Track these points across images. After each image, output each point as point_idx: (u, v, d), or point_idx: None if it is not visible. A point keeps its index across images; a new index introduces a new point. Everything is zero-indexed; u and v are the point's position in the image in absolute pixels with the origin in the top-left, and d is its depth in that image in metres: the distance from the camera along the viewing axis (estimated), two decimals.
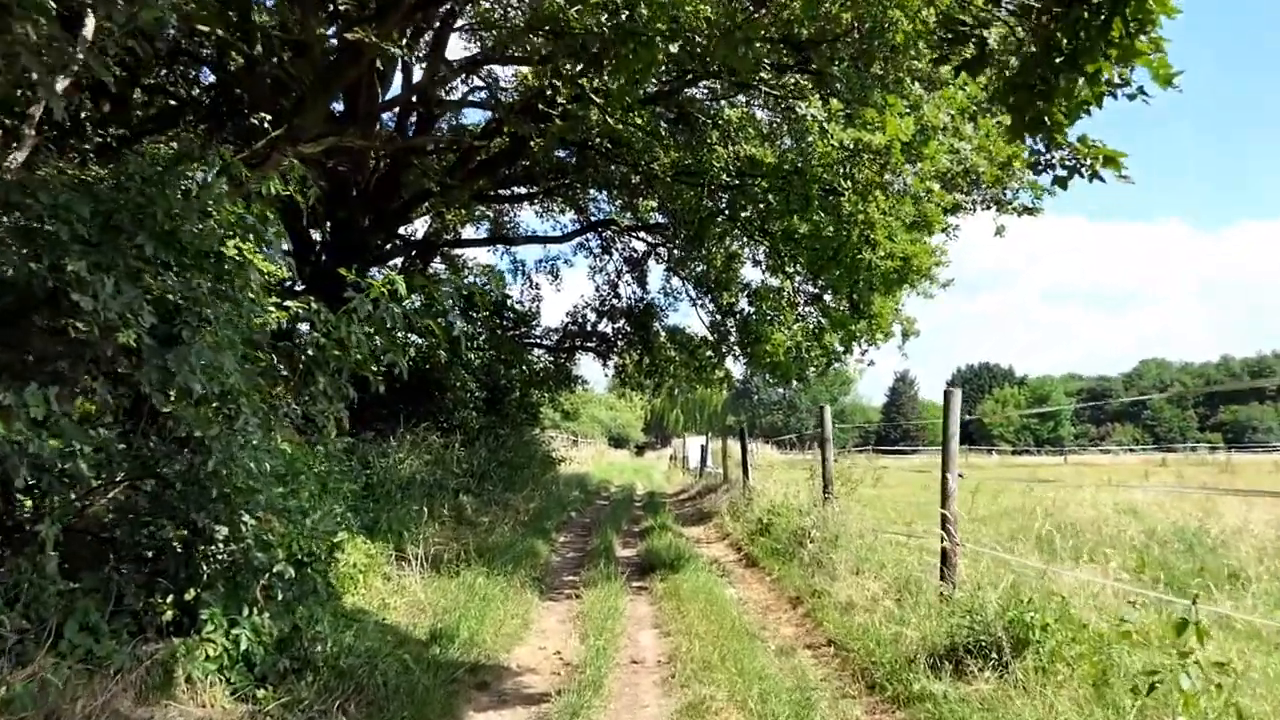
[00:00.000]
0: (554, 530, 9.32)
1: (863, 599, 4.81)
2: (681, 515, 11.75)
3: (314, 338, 3.87)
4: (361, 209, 11.98)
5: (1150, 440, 55.37)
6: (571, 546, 8.54)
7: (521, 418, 17.00)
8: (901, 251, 7.37)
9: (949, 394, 4.49)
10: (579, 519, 11.40)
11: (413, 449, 9.48)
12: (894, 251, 7.35)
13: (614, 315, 16.80)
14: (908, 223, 7.53)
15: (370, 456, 7.85)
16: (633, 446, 53.07)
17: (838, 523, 6.24)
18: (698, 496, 14.53)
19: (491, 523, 9.02)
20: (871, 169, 6.00)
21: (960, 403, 4.46)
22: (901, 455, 31.90)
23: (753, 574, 6.62)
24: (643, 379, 16.62)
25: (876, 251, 7.32)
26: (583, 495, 14.42)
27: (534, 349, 17.06)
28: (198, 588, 3.13)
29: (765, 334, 9.75)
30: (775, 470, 13.51)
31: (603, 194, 14.12)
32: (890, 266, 7.52)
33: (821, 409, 6.95)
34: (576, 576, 6.54)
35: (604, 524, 9.65)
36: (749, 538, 7.96)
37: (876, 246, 7.32)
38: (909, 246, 7.41)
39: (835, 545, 5.89)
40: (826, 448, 6.94)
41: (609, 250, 17.20)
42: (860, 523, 6.16)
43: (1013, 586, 3.85)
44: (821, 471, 6.95)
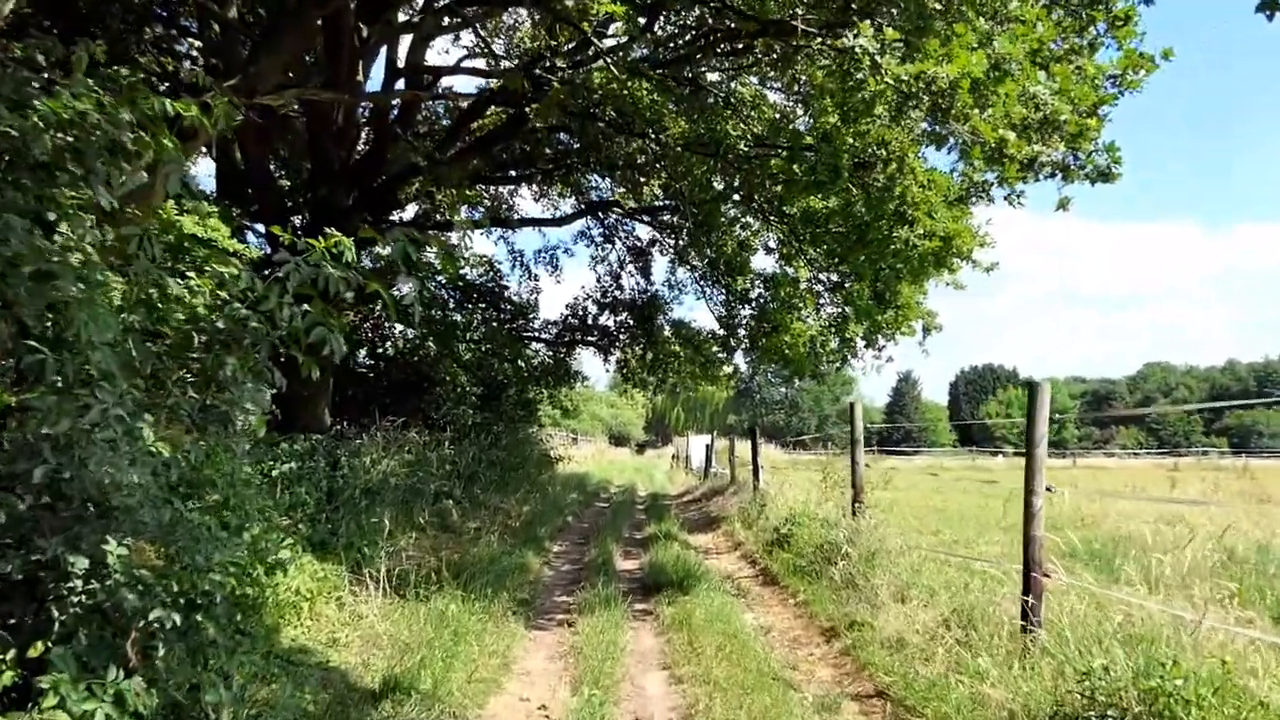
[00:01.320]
0: (548, 538, 8.49)
1: (915, 635, 3.97)
2: (686, 520, 10.91)
3: (234, 310, 3.03)
4: (344, 186, 11.12)
5: (1155, 443, 54.54)
6: (567, 557, 7.70)
7: (518, 415, 16.19)
8: (943, 230, 6.52)
9: (1035, 388, 3.62)
10: (576, 524, 10.56)
11: (392, 448, 8.64)
12: (934, 230, 6.49)
13: (616, 307, 15.98)
14: (950, 198, 6.68)
15: (341, 456, 7.01)
16: (634, 445, 52.28)
17: (873, 537, 5.40)
18: (703, 499, 13.69)
19: (479, 530, 8.18)
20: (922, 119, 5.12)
21: (1048, 399, 3.59)
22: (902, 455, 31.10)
23: (773, 594, 5.77)
24: (645, 375, 15.81)
25: (915, 229, 6.46)
26: (581, 497, 13.58)
27: (532, 343, 16.27)
28: (47, 641, 2.29)
29: (784, 323, 8.89)
30: (782, 472, 12.68)
31: (605, 180, 13.26)
32: (929, 248, 6.67)
33: (851, 405, 6.11)
34: (571, 597, 5.69)
35: (603, 531, 8.82)
36: (765, 549, 7.12)
37: (915, 224, 6.47)
38: (951, 224, 6.56)
39: (872, 564, 5.04)
40: (857, 450, 6.09)
41: (611, 239, 16.36)
42: (900, 538, 5.31)
43: (1129, 637, 3.00)
44: (852, 477, 6.10)
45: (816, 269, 9.49)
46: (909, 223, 6.46)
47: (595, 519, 11.25)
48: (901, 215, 6.51)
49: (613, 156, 11.57)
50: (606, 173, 12.67)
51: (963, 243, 6.63)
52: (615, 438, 48.96)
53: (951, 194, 6.65)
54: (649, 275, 15.99)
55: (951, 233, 6.53)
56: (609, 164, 12.19)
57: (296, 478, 5.99)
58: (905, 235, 6.44)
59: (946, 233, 6.52)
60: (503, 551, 6.85)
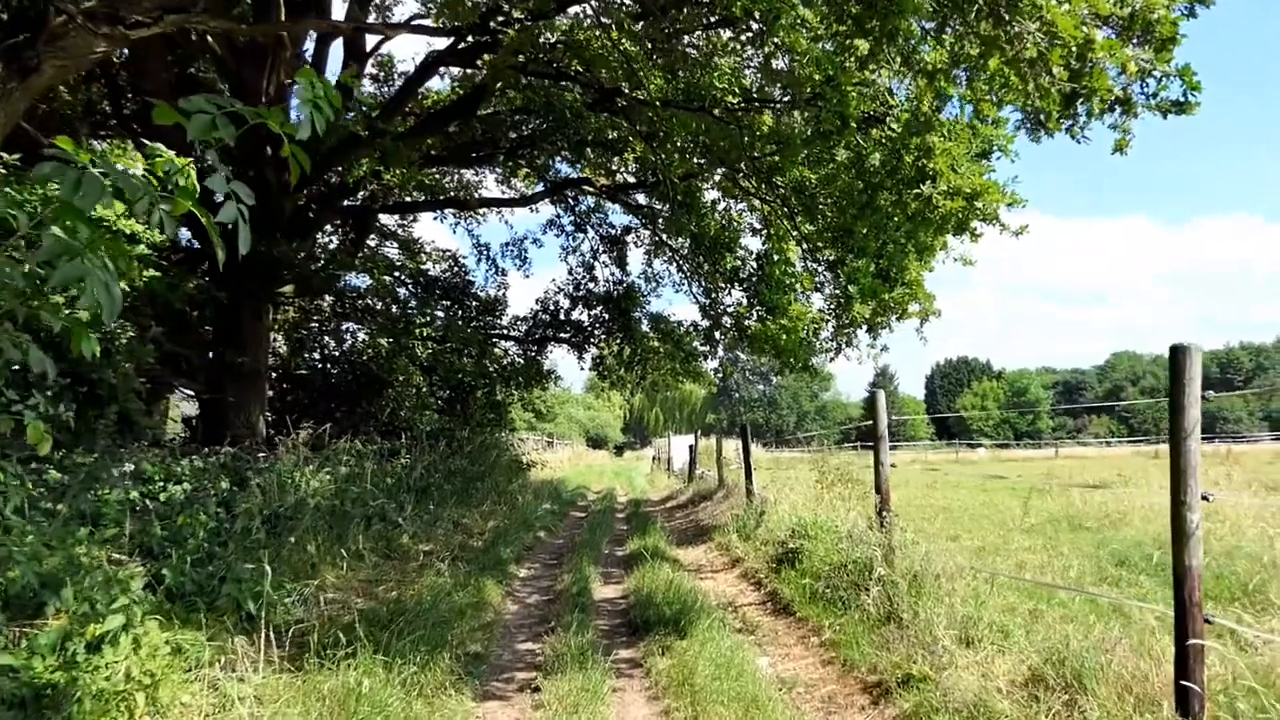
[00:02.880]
0: (513, 560, 7.30)
1: (1001, 698, 2.92)
2: (674, 530, 9.82)
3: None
4: (275, 166, 9.81)
5: (1125, 431, 55.33)
6: (535, 585, 6.53)
7: (487, 419, 14.96)
8: (970, 186, 5.54)
9: (1183, 355, 2.52)
10: (549, 540, 9.38)
11: (332, 460, 7.38)
12: (959, 186, 5.51)
13: (590, 301, 14.87)
14: (974, 151, 5.72)
15: (248, 473, 5.75)
16: (612, 447, 51.11)
17: (912, 555, 4.36)
18: (690, 505, 12.61)
19: (431, 554, 6.97)
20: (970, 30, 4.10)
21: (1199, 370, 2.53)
22: None
23: (789, 629, 4.70)
24: (623, 372, 14.73)
25: (938, 185, 5.47)
26: (555, 507, 12.38)
27: (500, 341, 15.07)
28: None
29: (781, 304, 7.86)
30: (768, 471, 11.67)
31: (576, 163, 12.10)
32: (950, 208, 5.68)
33: (873, 394, 5.07)
34: (537, 643, 4.54)
35: (579, 549, 7.67)
36: (769, 567, 6.05)
37: (937, 179, 5.48)
38: (976, 179, 5.58)
39: (918, 591, 4.00)
40: (881, 447, 5.06)
41: (583, 227, 15.24)
42: (949, 556, 4.27)
43: None
44: (875, 480, 5.06)
45: (811, 246, 8.49)
46: (929, 178, 5.47)
47: (571, 533, 10.08)
48: (920, 170, 5.51)
49: (582, 132, 10.44)
50: (575, 153, 11.53)
51: (989, 201, 5.66)
52: (593, 440, 47.74)
53: (975, 147, 5.69)
54: (624, 265, 14.91)
55: (978, 189, 5.55)
56: (578, 143, 11.07)
57: (182, 505, 4.73)
58: (926, 192, 5.44)
59: (972, 189, 5.54)
60: (455, 583, 5.66)
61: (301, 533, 5.45)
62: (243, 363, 9.80)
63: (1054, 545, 6.68)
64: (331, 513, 6.44)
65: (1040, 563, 5.82)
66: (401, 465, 9.44)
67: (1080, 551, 6.20)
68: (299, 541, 5.37)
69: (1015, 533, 7.89)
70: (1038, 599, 4.29)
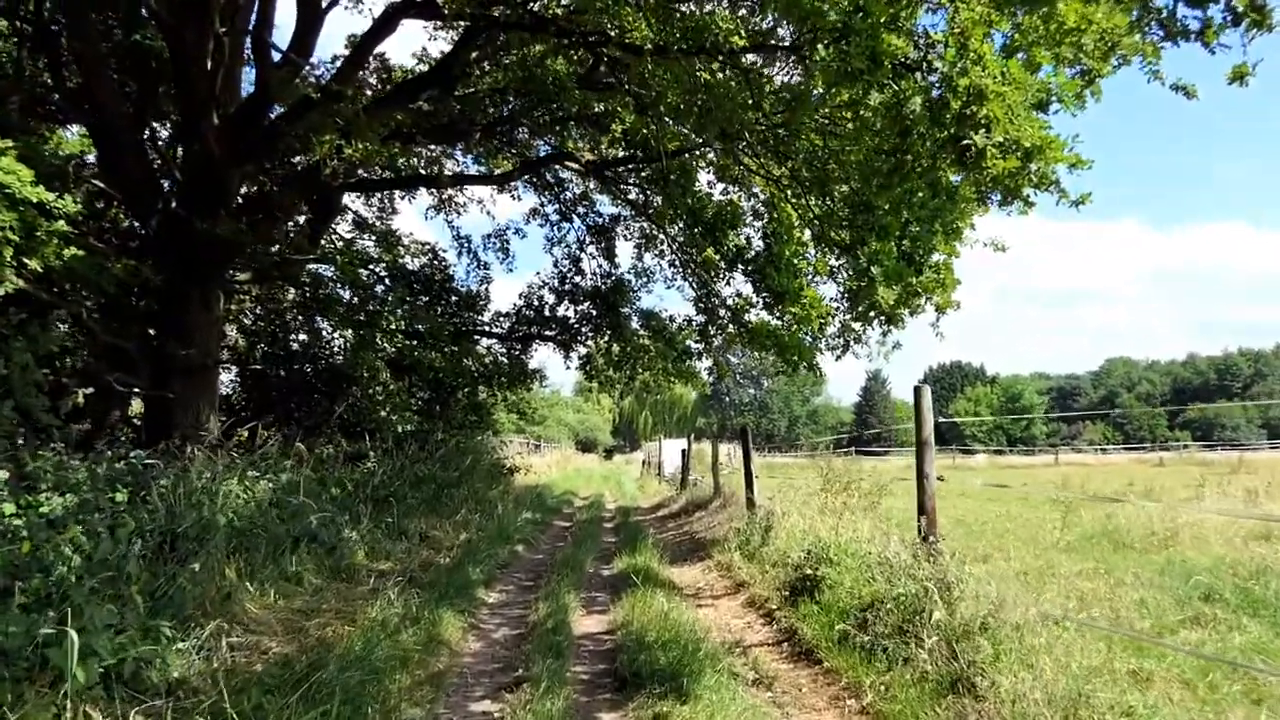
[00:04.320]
0: (483, 581, 6.30)
1: None
2: (665, 543, 8.85)
3: None
4: (219, 135, 8.77)
5: (1121, 438, 54.96)
6: (504, 615, 5.52)
7: (469, 421, 13.95)
8: (1028, 140, 4.62)
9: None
10: (527, 555, 8.37)
11: (269, 466, 6.35)
12: (1018, 138, 4.59)
13: (576, 296, 13.93)
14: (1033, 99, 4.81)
15: (165, 484, 4.71)
16: (601, 451, 50.11)
17: (973, 594, 3.41)
18: (683, 515, 11.64)
19: (386, 575, 5.96)
20: None
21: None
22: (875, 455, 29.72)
23: (815, 682, 3.73)
24: (611, 372, 13.78)
25: (992, 136, 4.55)
26: (538, 516, 11.38)
27: (482, 339, 14.09)
28: None
29: (792, 289, 6.92)
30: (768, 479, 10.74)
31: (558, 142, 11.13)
32: (1003, 167, 4.76)
33: (917, 392, 4.14)
34: (497, 704, 3.54)
35: (559, 569, 6.67)
36: (782, 597, 5.09)
37: (991, 128, 4.55)
38: (1036, 132, 4.66)
39: (994, 644, 3.05)
40: (925, 455, 4.11)
41: (569, 216, 14.29)
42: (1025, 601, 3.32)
43: None
44: (919, 495, 4.12)
45: (823, 227, 7.56)
46: (981, 127, 4.54)
47: (553, 546, 9.08)
48: (968, 119, 4.59)
49: (565, 106, 9.48)
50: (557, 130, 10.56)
51: (1049, 160, 4.73)
52: (582, 443, 46.72)
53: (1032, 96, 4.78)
54: (613, 257, 13.97)
55: (1038, 144, 4.62)
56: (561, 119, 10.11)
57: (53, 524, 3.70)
58: (978, 144, 4.51)
59: (1032, 144, 4.61)
60: (405, 615, 4.65)
61: (212, 557, 4.43)
62: (188, 355, 8.74)
63: (1107, 569, 5.77)
64: (265, 529, 5.41)
65: (1102, 593, 4.91)
66: (364, 470, 8.42)
67: (1143, 579, 5.29)
68: (208, 567, 4.34)
69: (1052, 552, 6.99)
70: (1135, 650, 3.35)
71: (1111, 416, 57.38)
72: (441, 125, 10.76)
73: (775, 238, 7.12)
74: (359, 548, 6.51)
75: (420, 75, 10.31)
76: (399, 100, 9.81)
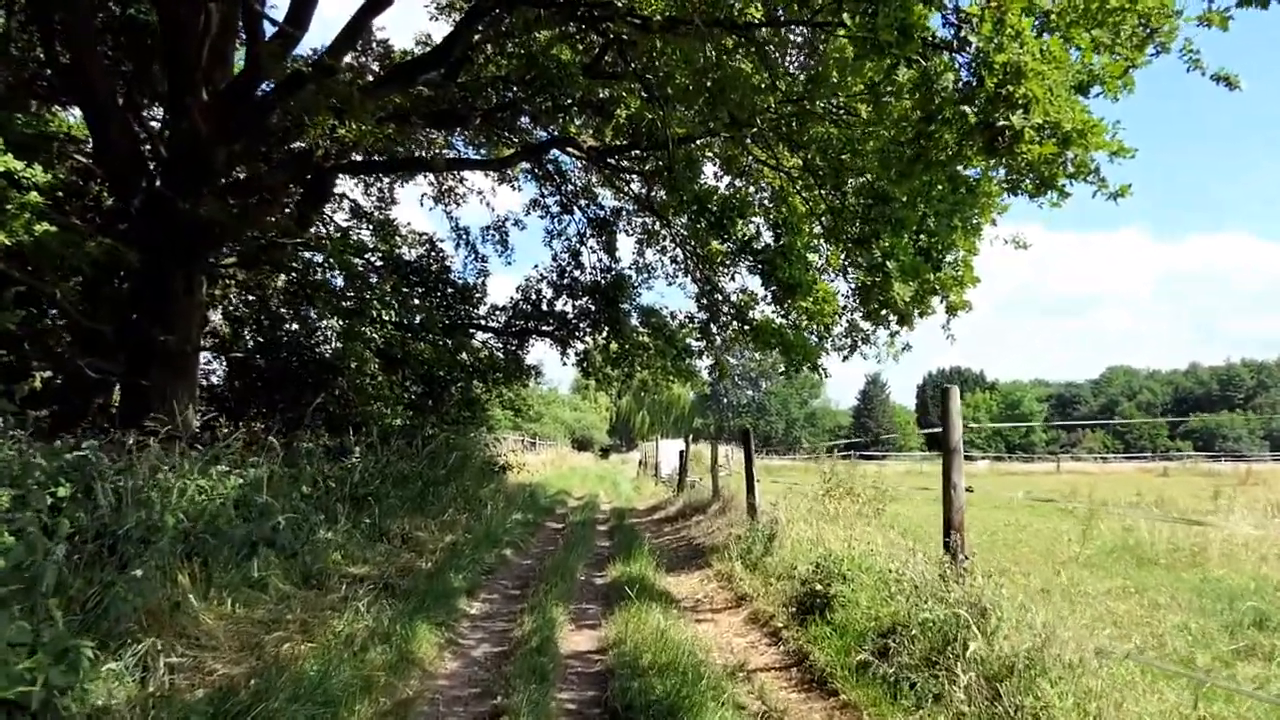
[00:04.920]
0: (466, 590, 5.88)
1: None
2: (662, 549, 8.43)
3: None
4: (205, 111, 8.34)
5: (1121, 447, 54.62)
6: (486, 629, 5.10)
7: (462, 416, 13.55)
8: (1069, 123, 4.21)
9: None
10: (516, 560, 7.95)
11: (235, 460, 5.92)
12: (1057, 120, 4.18)
13: (575, 291, 13.54)
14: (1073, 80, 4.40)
15: (108, 476, 4.29)
16: (597, 449, 49.71)
17: (1014, 622, 3.01)
18: (680, 518, 11.23)
19: (361, 580, 5.54)
20: None
21: None
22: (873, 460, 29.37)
23: (829, 718, 3.32)
24: (609, 369, 13.40)
25: (1030, 117, 4.14)
26: (529, 517, 10.95)
27: (478, 332, 13.69)
28: None
29: (804, 282, 6.51)
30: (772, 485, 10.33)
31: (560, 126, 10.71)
32: (1038, 154, 4.35)
33: (945, 392, 3.73)
34: None
35: (549, 576, 6.25)
36: (789, 614, 4.68)
37: (1030, 108, 4.15)
38: (1077, 115, 4.25)
39: (1049, 681, 2.64)
40: (953, 462, 3.71)
41: (570, 208, 13.91)
42: (1076, 631, 2.91)
43: None
44: (945, 508, 3.71)
45: (837, 219, 7.14)
46: (1020, 107, 4.14)
47: (543, 550, 8.66)
48: (1004, 99, 4.18)
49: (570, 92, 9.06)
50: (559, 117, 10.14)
51: (1091, 144, 4.32)
52: (579, 442, 46.30)
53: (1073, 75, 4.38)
54: (613, 251, 13.59)
55: (1080, 127, 4.21)
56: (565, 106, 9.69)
57: None
58: (1015, 125, 4.09)
59: (1073, 127, 4.20)
60: (374, 630, 4.23)
61: (159, 562, 4.00)
62: (166, 341, 8.32)
63: (1137, 588, 5.37)
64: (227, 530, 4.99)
65: (1138, 616, 4.51)
66: (344, 466, 7.99)
67: (1180, 601, 4.89)
68: (153, 574, 3.92)
69: (1071, 566, 6.58)
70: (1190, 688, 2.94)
71: (1112, 426, 57.06)
72: (442, 111, 10.37)
73: (786, 227, 6.70)
74: (334, 550, 6.09)
75: (420, 56, 9.90)
76: (398, 81, 9.40)
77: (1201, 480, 21.08)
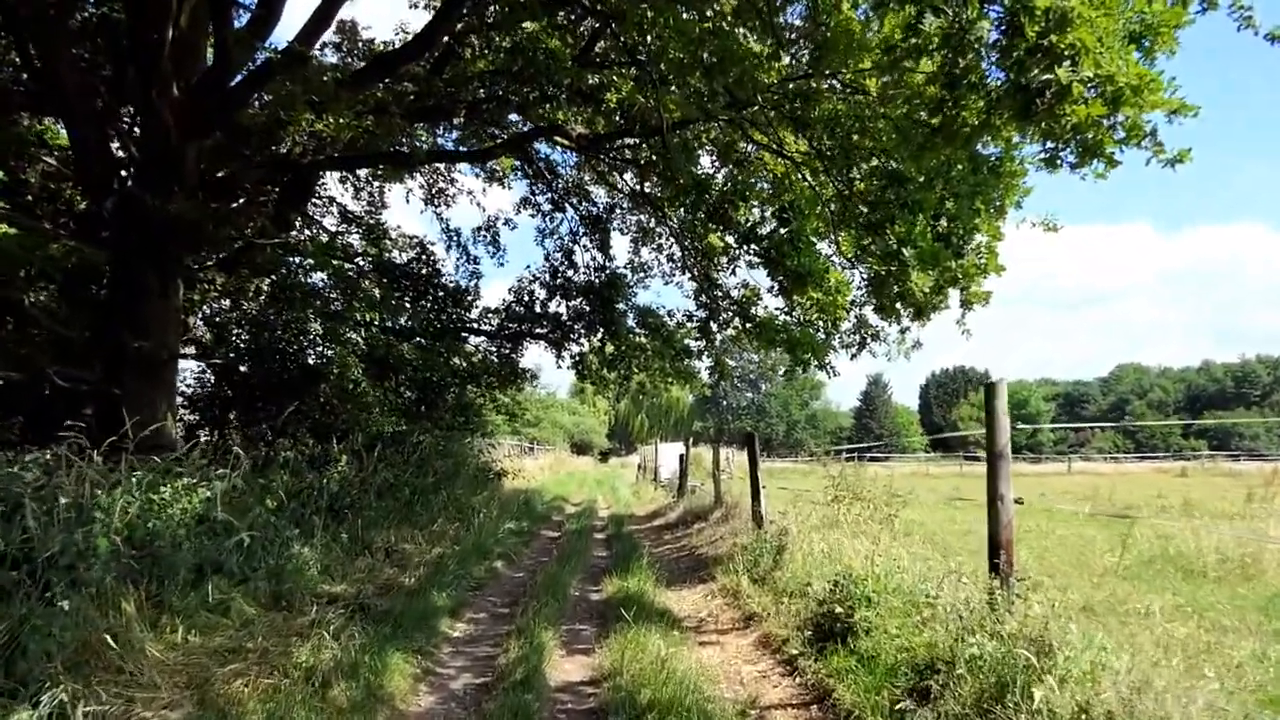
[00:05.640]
0: (449, 611, 5.37)
1: None
2: (662, 559, 7.93)
3: None
4: (175, 106, 7.88)
5: (1132, 446, 53.86)
6: (470, 656, 4.60)
7: (458, 422, 13.09)
8: (1123, 77, 3.71)
9: None
10: (506, 573, 7.45)
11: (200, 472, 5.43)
12: (1111, 74, 3.69)
13: (569, 291, 13.10)
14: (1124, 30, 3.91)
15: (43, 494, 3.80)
16: (596, 453, 49.20)
17: (1084, 662, 2.50)
18: (680, 526, 10.72)
19: (336, 601, 5.04)
20: None
21: None
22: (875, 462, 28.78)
23: None
24: (605, 371, 12.94)
25: (1079, 70, 3.65)
26: (524, 525, 10.45)
27: (470, 336, 13.24)
28: None
29: (815, 270, 6.01)
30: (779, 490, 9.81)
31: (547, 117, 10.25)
32: (1085, 115, 3.85)
33: (990, 389, 3.24)
34: None
35: (541, 593, 5.75)
36: (805, 640, 4.16)
37: (1078, 61, 3.66)
38: (1132, 69, 3.76)
39: None
40: (1000, 469, 3.21)
41: (562, 206, 13.46)
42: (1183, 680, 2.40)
43: None
44: (991, 523, 3.21)
45: (846, 204, 6.65)
46: (1066, 59, 3.64)
47: (536, 562, 8.16)
48: (1047, 51, 3.69)
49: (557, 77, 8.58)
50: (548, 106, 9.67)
51: (1148, 103, 3.82)
52: (577, 446, 45.81)
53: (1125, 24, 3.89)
54: (608, 250, 13.14)
55: (1137, 82, 3.72)
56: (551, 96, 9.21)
57: None
58: (1062, 79, 3.60)
59: (1127, 82, 3.71)
60: (342, 662, 3.73)
61: (96, 589, 3.50)
62: (141, 347, 7.84)
63: (1192, 605, 4.85)
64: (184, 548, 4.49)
65: (1204, 642, 3.98)
66: (321, 476, 7.50)
67: (1249, 624, 4.37)
68: (88, 603, 3.42)
69: (1110, 579, 6.07)
70: None
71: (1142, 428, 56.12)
72: (426, 107, 9.93)
73: (794, 211, 6.20)
74: (308, 567, 5.59)
75: (401, 47, 9.44)
76: (377, 72, 8.94)
77: (1224, 481, 20.47)
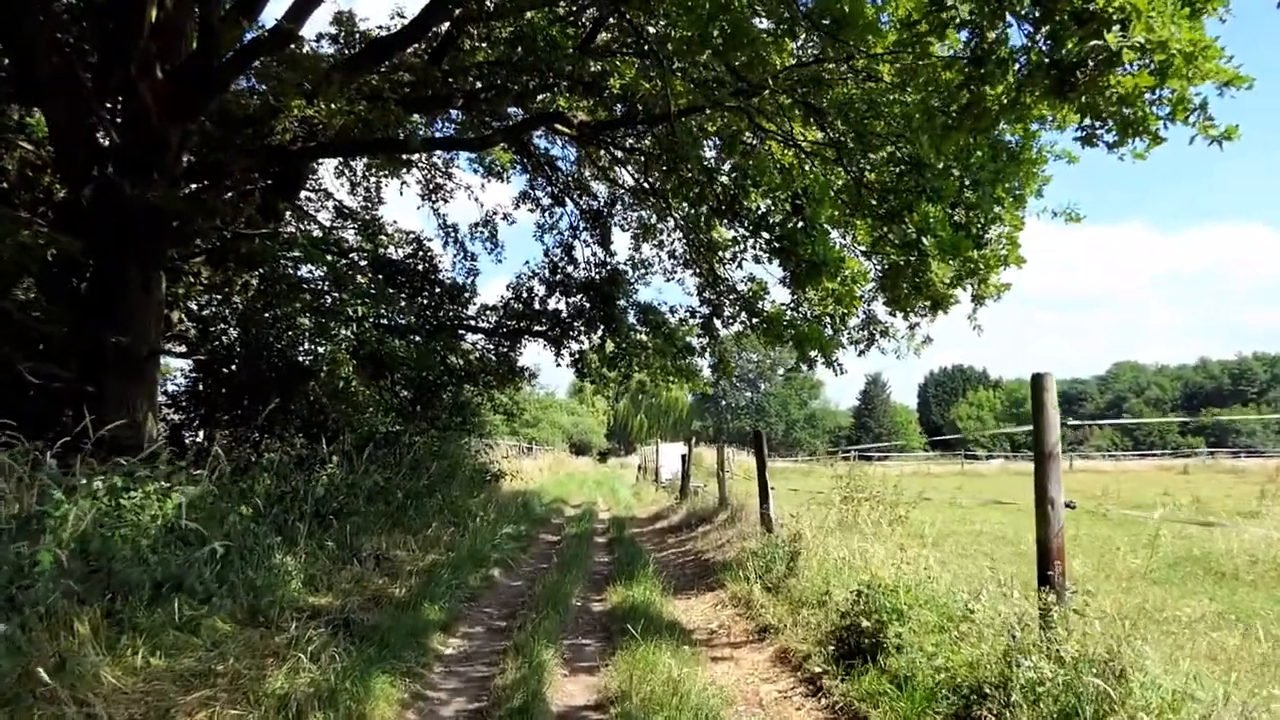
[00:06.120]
0: (442, 625, 5.04)
1: None
2: (667, 566, 7.60)
3: None
4: (156, 89, 7.53)
5: (1130, 444, 53.80)
6: (463, 676, 4.26)
7: (454, 422, 12.76)
8: (1176, 43, 3.40)
9: None
10: (504, 581, 7.11)
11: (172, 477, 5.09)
12: (1164, 40, 3.38)
13: (569, 287, 12.80)
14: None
15: None
16: (596, 454, 48.89)
17: (1164, 689, 2.18)
18: (684, 528, 10.40)
19: (319, 614, 4.70)
20: None
21: None
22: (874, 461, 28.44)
23: None
24: (605, 369, 12.63)
25: (1130, 35, 3.33)
26: (522, 529, 10.11)
27: (467, 334, 12.93)
28: None
29: (831, 258, 5.68)
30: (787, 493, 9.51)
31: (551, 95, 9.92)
32: (1131, 87, 3.54)
33: (1037, 380, 2.91)
34: None
35: (540, 603, 5.42)
36: (826, 653, 3.83)
37: (1129, 25, 3.34)
38: (1187, 32, 3.45)
39: None
40: (1049, 471, 2.88)
41: (561, 200, 13.15)
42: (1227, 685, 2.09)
43: None
44: (1040, 530, 2.89)
45: (860, 191, 6.33)
46: (1116, 23, 3.33)
47: (535, 569, 7.82)
48: (1094, 15, 3.38)
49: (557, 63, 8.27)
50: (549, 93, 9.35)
51: (1201, 72, 3.51)
52: (576, 446, 45.48)
53: None
54: (608, 245, 12.83)
55: (1191, 49, 3.40)
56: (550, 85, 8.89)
57: None
58: (1111, 45, 3.29)
59: (1181, 49, 3.39)
60: (319, 688, 3.40)
61: (43, 609, 3.16)
62: (118, 343, 7.48)
63: (1234, 613, 4.56)
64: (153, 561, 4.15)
65: (1259, 655, 3.68)
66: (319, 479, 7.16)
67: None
68: (37, 624, 3.08)
69: (1139, 582, 5.76)
70: None
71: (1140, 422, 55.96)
72: (423, 97, 9.61)
73: (807, 198, 5.88)
74: (291, 579, 5.25)
75: (398, 31, 9.11)
76: (373, 57, 8.62)
77: (1227, 478, 20.26)
